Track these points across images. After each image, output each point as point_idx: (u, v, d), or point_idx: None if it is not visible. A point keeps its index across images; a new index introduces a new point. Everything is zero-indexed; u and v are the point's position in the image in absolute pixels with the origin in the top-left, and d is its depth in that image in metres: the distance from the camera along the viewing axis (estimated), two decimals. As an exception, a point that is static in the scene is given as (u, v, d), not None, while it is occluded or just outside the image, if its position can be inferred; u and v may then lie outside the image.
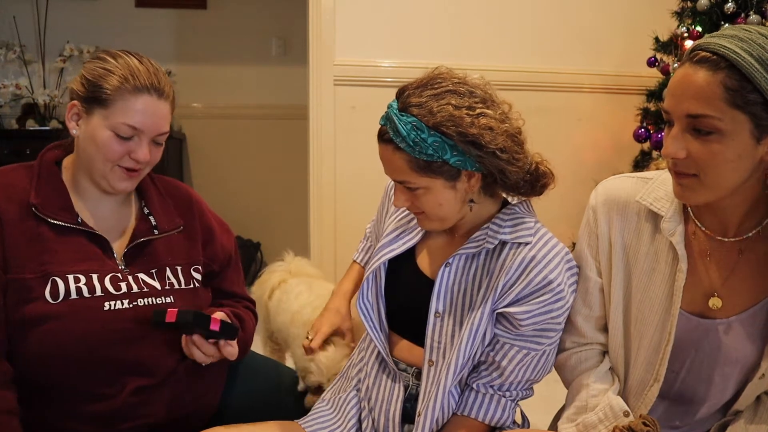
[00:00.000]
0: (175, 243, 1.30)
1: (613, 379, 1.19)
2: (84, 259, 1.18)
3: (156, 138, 1.21)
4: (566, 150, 2.82)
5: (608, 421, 1.13)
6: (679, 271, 1.08)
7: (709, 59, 0.94)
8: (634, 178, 1.19)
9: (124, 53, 1.21)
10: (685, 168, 0.99)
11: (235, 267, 1.43)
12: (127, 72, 1.17)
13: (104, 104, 1.16)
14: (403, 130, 1.05)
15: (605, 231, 1.18)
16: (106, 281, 1.18)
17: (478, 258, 1.16)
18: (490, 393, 1.17)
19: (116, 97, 1.15)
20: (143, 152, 1.18)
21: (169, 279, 1.26)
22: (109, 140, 1.16)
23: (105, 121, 1.16)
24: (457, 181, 1.10)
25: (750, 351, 1.07)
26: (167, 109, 1.21)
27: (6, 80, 3.67)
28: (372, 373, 1.25)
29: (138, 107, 1.16)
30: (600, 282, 1.19)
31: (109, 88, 1.15)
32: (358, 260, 1.53)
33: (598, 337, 1.21)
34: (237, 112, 3.99)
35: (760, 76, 0.90)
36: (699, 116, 0.94)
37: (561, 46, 2.80)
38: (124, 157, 1.18)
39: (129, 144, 1.17)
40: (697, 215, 1.11)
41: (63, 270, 1.15)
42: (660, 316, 1.11)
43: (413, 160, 1.07)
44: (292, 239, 3.89)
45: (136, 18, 3.87)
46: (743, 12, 2.27)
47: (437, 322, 1.16)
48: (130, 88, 1.16)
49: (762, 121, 0.92)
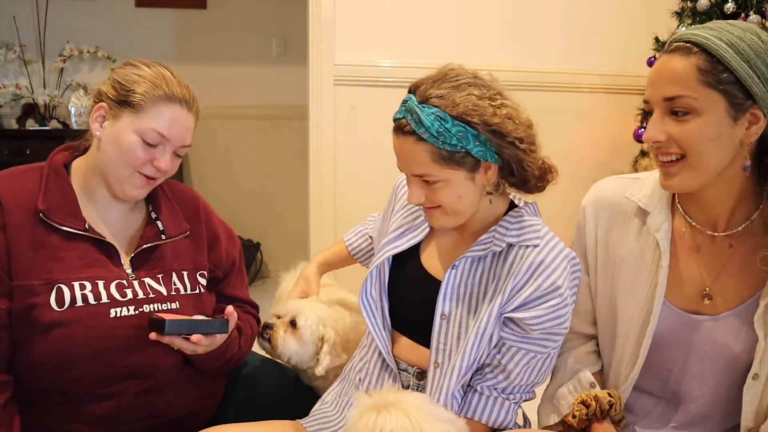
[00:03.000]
0: (181, 248, 1.29)
1: (596, 361, 1.24)
2: (90, 265, 1.17)
3: (178, 149, 1.21)
4: (566, 150, 2.81)
5: (576, 392, 1.18)
6: (661, 267, 1.10)
7: (682, 47, 1.01)
8: (625, 178, 1.23)
9: (156, 63, 1.23)
10: (668, 148, 1.03)
11: (239, 273, 1.42)
12: (160, 80, 1.18)
13: (135, 108, 1.16)
14: (427, 121, 1.05)
15: (592, 229, 1.22)
16: (112, 288, 1.17)
17: (485, 260, 1.16)
18: (494, 395, 1.17)
19: (148, 102, 1.16)
20: (165, 161, 1.18)
21: (175, 284, 1.26)
22: (134, 145, 1.16)
23: (133, 125, 1.16)
24: (476, 173, 1.10)
25: (741, 347, 1.08)
26: (193, 122, 1.23)
27: (6, 80, 3.68)
28: (374, 373, 1.24)
29: (168, 115, 1.17)
30: (587, 279, 1.23)
31: (142, 93, 1.16)
32: (347, 240, 1.55)
33: (586, 328, 1.26)
34: (237, 112, 3.99)
35: (731, 57, 0.97)
36: (675, 98, 1.00)
37: (561, 46, 2.80)
38: (146, 164, 1.18)
39: (153, 151, 1.17)
40: (687, 210, 1.13)
41: (68, 277, 1.14)
42: (645, 312, 1.13)
43: (436, 151, 1.07)
44: (292, 239, 3.92)
45: (136, 18, 3.87)
46: (743, 12, 2.27)
47: (443, 324, 1.16)
48: (163, 96, 1.17)
49: (735, 99, 0.99)
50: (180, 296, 1.25)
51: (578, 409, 1.13)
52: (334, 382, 1.36)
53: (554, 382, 1.24)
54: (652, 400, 1.19)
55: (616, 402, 1.12)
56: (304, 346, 1.42)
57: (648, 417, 1.19)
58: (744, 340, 1.08)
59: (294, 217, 3.73)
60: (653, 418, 1.18)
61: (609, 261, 1.19)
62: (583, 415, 1.12)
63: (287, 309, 1.45)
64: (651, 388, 1.18)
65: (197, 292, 1.29)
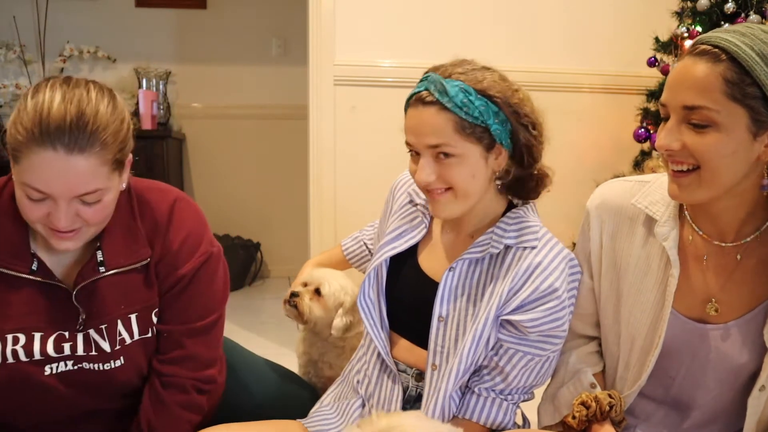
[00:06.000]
0: (132, 283, 1.09)
1: (597, 362, 1.22)
2: (32, 312, 1.03)
3: (82, 198, 0.95)
4: (566, 150, 2.80)
5: (576, 393, 1.16)
6: (671, 276, 1.08)
7: (709, 51, 0.94)
8: (632, 182, 1.19)
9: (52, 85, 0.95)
10: (681, 158, 0.98)
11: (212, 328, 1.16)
12: (35, 117, 0.91)
13: (15, 158, 0.94)
14: (452, 91, 1.06)
15: (596, 234, 1.19)
16: (48, 343, 1.03)
17: (483, 262, 1.16)
18: (492, 397, 1.17)
19: (22, 150, 0.92)
20: (59, 218, 0.95)
21: (120, 335, 1.08)
22: (22, 201, 0.96)
23: (17, 177, 0.95)
24: (491, 153, 1.11)
25: (747, 357, 1.06)
26: (85, 165, 0.93)
27: (6, 80, 3.68)
28: (374, 374, 1.24)
29: (42, 165, 0.91)
30: (590, 283, 1.21)
31: (15, 140, 0.92)
32: (344, 245, 1.57)
33: (588, 330, 1.25)
34: (237, 112, 3.99)
35: (761, 70, 0.91)
36: (696, 108, 0.94)
37: (561, 46, 2.80)
38: (44, 218, 0.97)
39: (43, 206, 0.95)
40: (694, 220, 1.10)
41: (3, 328, 1.01)
42: (651, 320, 1.11)
43: (459, 121, 1.06)
44: (292, 239, 3.93)
45: (136, 18, 3.87)
46: (743, 12, 2.26)
47: (441, 326, 1.16)
48: (33, 140, 0.91)
49: (759, 116, 0.92)
50: (125, 348, 1.09)
51: (578, 409, 1.12)
52: (332, 384, 1.36)
53: (555, 382, 1.24)
54: (653, 405, 1.18)
55: (616, 403, 1.12)
56: (328, 312, 1.53)
57: (649, 420, 1.18)
58: (750, 350, 1.06)
59: (294, 217, 3.73)
60: (655, 422, 1.17)
61: (614, 266, 1.17)
62: (582, 416, 1.12)
63: (312, 278, 1.56)
64: (653, 394, 1.17)
65: (148, 335, 1.11)
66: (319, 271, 1.58)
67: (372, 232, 1.52)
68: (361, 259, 1.55)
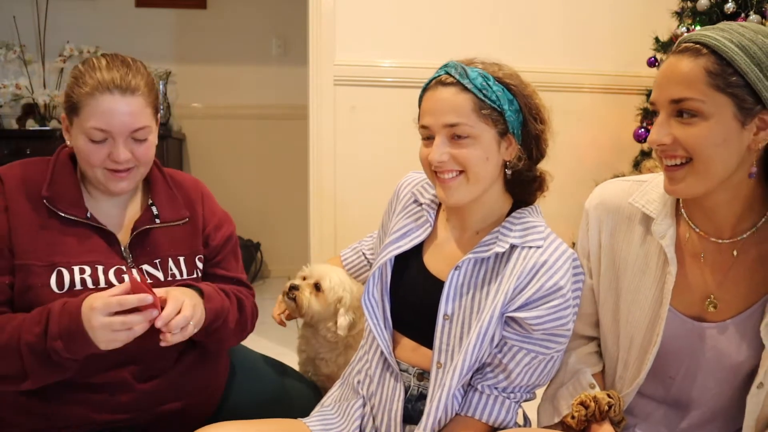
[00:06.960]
0: (178, 234, 1.31)
1: (597, 362, 1.23)
2: (90, 251, 1.20)
3: (133, 135, 1.19)
4: (566, 150, 2.80)
5: (575, 393, 1.17)
6: (668, 273, 1.09)
7: (691, 48, 0.99)
8: (630, 182, 1.21)
9: (97, 57, 1.21)
10: (673, 152, 1.01)
11: (233, 253, 1.44)
12: (89, 75, 1.16)
13: (76, 112, 1.17)
14: (473, 74, 1.12)
15: (595, 233, 1.21)
16: (110, 274, 1.20)
17: (488, 261, 1.16)
18: (494, 394, 1.17)
19: (83, 101, 1.16)
20: (119, 152, 1.17)
21: (171, 270, 1.28)
22: (85, 146, 1.17)
23: (79, 127, 1.17)
24: (503, 140, 1.14)
25: (745, 355, 1.07)
26: (135, 104, 1.18)
27: (6, 80, 3.68)
28: (376, 373, 1.24)
29: (101, 108, 1.15)
30: (590, 282, 1.22)
31: (76, 94, 1.16)
32: (343, 256, 1.57)
33: (587, 330, 1.25)
34: (237, 112, 3.99)
35: (741, 59, 0.95)
36: (682, 100, 0.98)
37: (561, 46, 2.80)
38: (105, 160, 1.18)
39: (105, 147, 1.17)
40: (691, 217, 1.11)
41: (69, 261, 1.17)
42: (650, 318, 1.12)
43: (478, 101, 1.11)
44: (292, 239, 3.93)
45: (136, 18, 3.87)
46: (743, 12, 2.26)
47: (446, 324, 1.16)
48: (91, 90, 1.15)
49: (744, 104, 0.96)
50: (176, 282, 1.26)
51: (577, 410, 1.13)
52: (333, 387, 1.36)
53: (554, 382, 1.24)
54: (653, 404, 1.18)
55: (615, 403, 1.12)
56: (327, 307, 1.54)
57: (648, 420, 1.18)
58: (748, 347, 1.07)
59: (294, 217, 3.74)
60: (654, 422, 1.18)
61: (613, 265, 1.18)
62: (581, 416, 1.12)
63: (312, 272, 1.57)
64: (652, 393, 1.17)
65: (194, 276, 1.31)
66: (319, 265, 1.59)
67: (371, 242, 1.53)
68: (360, 270, 1.56)
